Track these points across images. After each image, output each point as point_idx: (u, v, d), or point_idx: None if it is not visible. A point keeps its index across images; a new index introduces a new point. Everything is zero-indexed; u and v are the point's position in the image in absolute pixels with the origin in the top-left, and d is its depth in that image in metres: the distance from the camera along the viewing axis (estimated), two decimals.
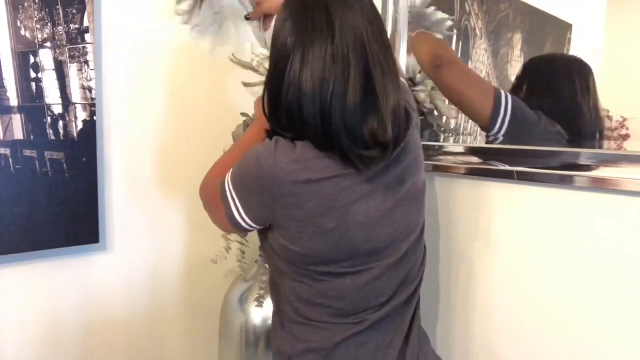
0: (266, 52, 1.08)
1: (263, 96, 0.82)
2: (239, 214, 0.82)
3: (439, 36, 1.29)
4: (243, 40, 1.10)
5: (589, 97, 1.01)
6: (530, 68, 1.16)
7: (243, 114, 1.22)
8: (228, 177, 0.83)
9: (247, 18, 1.16)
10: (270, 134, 0.82)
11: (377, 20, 0.79)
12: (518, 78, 1.17)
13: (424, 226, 0.90)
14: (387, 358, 0.83)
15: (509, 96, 1.04)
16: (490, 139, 1.06)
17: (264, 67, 1.06)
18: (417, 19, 1.29)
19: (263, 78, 1.09)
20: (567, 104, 1.05)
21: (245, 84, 1.12)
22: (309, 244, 0.79)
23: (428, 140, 1.22)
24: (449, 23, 1.28)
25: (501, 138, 1.04)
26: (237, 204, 0.82)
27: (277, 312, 0.91)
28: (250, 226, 0.83)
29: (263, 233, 0.86)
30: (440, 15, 1.27)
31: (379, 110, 0.75)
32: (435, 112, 1.28)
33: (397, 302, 0.85)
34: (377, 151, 0.75)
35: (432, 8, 1.28)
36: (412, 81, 1.29)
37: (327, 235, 0.78)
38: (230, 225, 0.84)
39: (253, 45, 1.08)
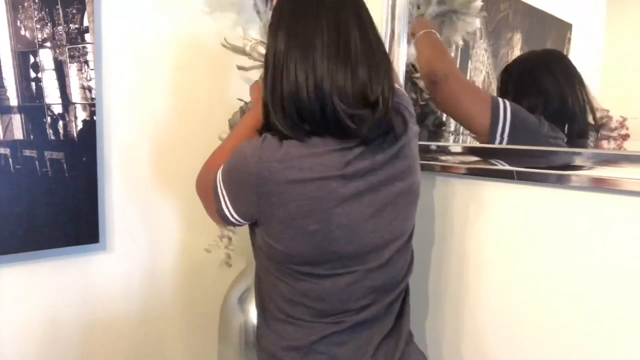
0: (258, 37, 1.09)
1: (264, 98, 0.82)
2: (227, 209, 0.84)
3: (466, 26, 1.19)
4: (235, 26, 1.10)
5: (573, 85, 0.98)
6: (508, 75, 1.13)
7: (240, 100, 1.22)
8: (219, 172, 0.85)
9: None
10: (261, 130, 0.84)
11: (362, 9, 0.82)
12: (499, 89, 1.14)
13: (413, 233, 0.89)
14: (366, 356, 0.84)
15: (507, 104, 1.01)
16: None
17: (257, 52, 1.07)
18: (442, 3, 1.19)
19: (256, 63, 1.09)
20: (552, 96, 1.02)
21: (240, 67, 1.13)
22: (290, 244, 0.80)
23: (427, 140, 1.21)
24: (479, 4, 1.17)
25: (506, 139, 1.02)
26: (226, 199, 0.83)
27: (262, 310, 0.92)
28: (238, 221, 0.85)
29: (251, 228, 0.88)
30: None
31: (369, 69, 0.77)
32: None
33: (378, 307, 0.85)
34: (368, 111, 0.76)
35: None
36: (414, 67, 1.28)
37: (308, 237, 0.78)
38: (220, 219, 0.86)
39: (245, 31, 1.09)
